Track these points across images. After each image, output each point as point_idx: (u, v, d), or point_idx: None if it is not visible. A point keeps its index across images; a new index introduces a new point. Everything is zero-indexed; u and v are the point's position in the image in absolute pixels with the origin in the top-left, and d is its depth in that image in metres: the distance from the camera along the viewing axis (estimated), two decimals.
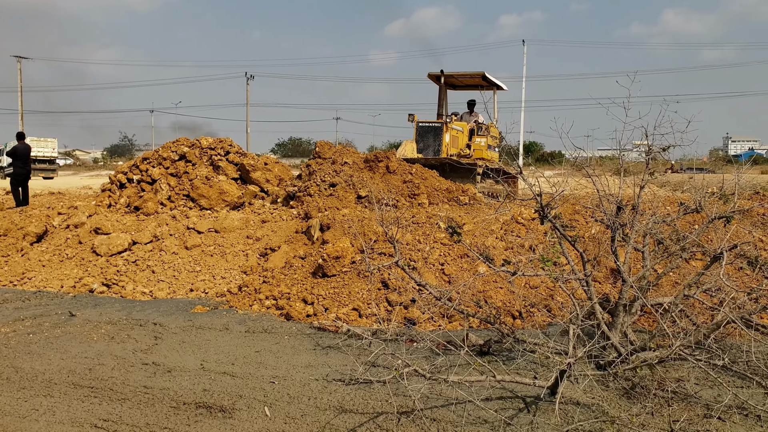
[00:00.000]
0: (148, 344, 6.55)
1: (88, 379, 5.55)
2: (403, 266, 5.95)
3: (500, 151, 14.76)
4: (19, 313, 7.79)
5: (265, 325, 7.16)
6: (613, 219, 5.59)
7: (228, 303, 8.20)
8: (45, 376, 5.62)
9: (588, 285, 5.52)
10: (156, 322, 7.35)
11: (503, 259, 6.41)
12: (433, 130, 14.97)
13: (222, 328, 7.08)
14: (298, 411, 4.79)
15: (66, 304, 8.30)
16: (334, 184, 10.97)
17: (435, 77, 15.77)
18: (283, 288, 8.09)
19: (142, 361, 6.00)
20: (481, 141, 16.09)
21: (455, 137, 15.44)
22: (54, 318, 7.55)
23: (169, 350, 6.37)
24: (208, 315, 7.65)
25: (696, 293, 5.69)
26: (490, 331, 6.45)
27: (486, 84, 16.55)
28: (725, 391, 4.69)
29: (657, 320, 5.73)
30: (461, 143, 15.72)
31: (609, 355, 5.25)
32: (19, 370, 5.80)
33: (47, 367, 5.86)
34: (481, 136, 16.12)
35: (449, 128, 15.14)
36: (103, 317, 7.54)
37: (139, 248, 10.01)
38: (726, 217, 5.88)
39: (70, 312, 7.72)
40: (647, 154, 5.88)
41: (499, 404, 4.75)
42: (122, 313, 7.77)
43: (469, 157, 14.90)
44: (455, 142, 15.47)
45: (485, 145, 16.06)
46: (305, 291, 7.89)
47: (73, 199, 14.08)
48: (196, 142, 12.77)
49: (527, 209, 9.42)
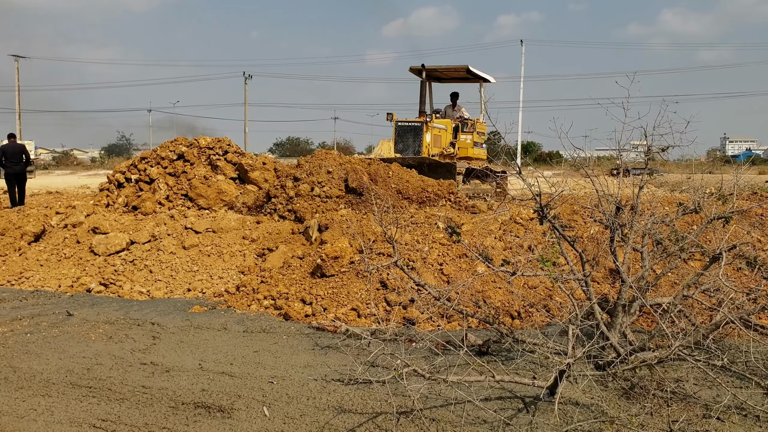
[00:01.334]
0: (146, 344, 6.54)
1: (87, 378, 5.53)
2: (402, 266, 5.95)
3: (500, 150, 13.21)
4: (17, 313, 7.78)
5: (263, 325, 7.16)
6: (612, 219, 5.59)
7: (226, 303, 8.18)
8: (43, 376, 5.60)
9: (587, 285, 5.52)
10: (154, 321, 7.34)
11: (502, 259, 6.43)
12: (413, 130, 13.96)
13: (220, 328, 7.07)
14: (297, 411, 4.78)
15: (63, 303, 8.28)
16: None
17: (416, 71, 14.78)
18: (282, 288, 8.08)
19: (141, 360, 5.99)
20: (467, 138, 15.03)
21: (437, 136, 14.38)
22: (51, 318, 7.53)
23: (168, 350, 6.36)
24: (205, 315, 7.65)
25: (695, 293, 5.70)
26: (489, 331, 6.45)
27: (471, 77, 15.57)
28: (724, 391, 4.69)
29: (656, 320, 5.74)
30: (444, 142, 14.64)
31: (608, 355, 5.25)
32: (17, 369, 5.78)
33: (45, 366, 5.85)
34: (467, 132, 15.05)
35: (430, 127, 14.06)
36: (101, 317, 7.53)
37: (137, 248, 9.99)
38: (725, 218, 5.89)
39: (67, 311, 7.71)
40: (646, 155, 5.89)
41: (498, 404, 4.75)
42: (120, 312, 7.76)
43: (453, 156, 14.19)
44: (437, 141, 14.40)
45: (471, 142, 15.07)
46: (304, 291, 7.88)
47: (71, 199, 14.04)
48: (194, 141, 12.76)
49: (526, 209, 9.43)
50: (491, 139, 19.81)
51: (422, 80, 14.79)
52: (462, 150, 14.81)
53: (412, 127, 14.06)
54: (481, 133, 15.54)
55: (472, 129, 15.11)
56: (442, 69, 15.12)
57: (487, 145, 16.59)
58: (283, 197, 10.83)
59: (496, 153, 16.25)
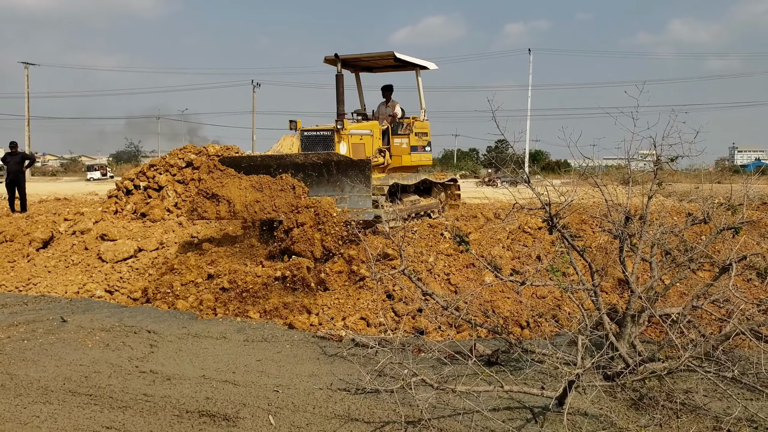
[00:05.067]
0: (144, 352, 6.52)
1: (86, 386, 5.52)
2: (409, 274, 5.94)
3: (508, 159, 7.57)
4: (14, 318, 7.80)
5: (264, 334, 7.11)
6: (622, 229, 5.56)
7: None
8: (40, 383, 5.59)
9: (596, 295, 5.49)
10: (150, 329, 7.31)
11: (511, 269, 6.40)
12: (322, 140, 10.63)
13: (219, 337, 7.03)
14: (303, 420, 4.76)
15: (59, 309, 8.31)
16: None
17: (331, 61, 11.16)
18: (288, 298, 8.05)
19: (139, 369, 5.97)
20: (402, 142, 11.86)
21: (359, 144, 10.93)
22: (47, 324, 7.54)
23: (166, 358, 6.33)
24: (203, 323, 7.60)
25: (704, 304, 5.66)
26: (497, 340, 6.43)
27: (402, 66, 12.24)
28: (735, 403, 4.65)
29: (665, 331, 5.70)
30: (370, 149, 11.15)
31: (617, 365, 5.21)
32: (14, 376, 5.78)
33: (42, 374, 5.84)
34: (402, 135, 11.88)
35: (343, 136, 10.52)
36: (95, 324, 7.52)
37: (145, 255, 10.01)
38: (734, 228, 5.86)
39: (61, 317, 7.72)
40: (655, 164, 5.87)
41: (506, 414, 4.72)
42: (113, 319, 7.74)
43: (385, 166, 11.31)
44: (359, 150, 10.91)
45: (407, 146, 11.94)
46: (309, 301, 7.84)
47: (80, 205, 14.12)
48: (202, 149, 12.83)
49: (534, 218, 9.40)
50: (498, 147, 18.40)
51: (337, 73, 10.99)
52: (396, 158, 11.73)
53: (320, 136, 10.78)
54: (422, 134, 12.41)
55: (409, 130, 11.97)
56: (366, 57, 11.81)
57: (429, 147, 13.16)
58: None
59: (504, 162, 15.50)
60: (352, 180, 9.03)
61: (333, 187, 9.19)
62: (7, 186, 15.22)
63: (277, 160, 9.52)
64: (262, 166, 9.43)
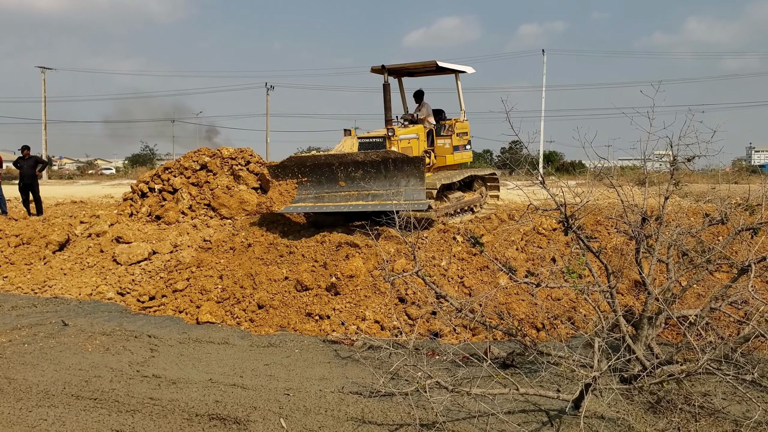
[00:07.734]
0: (145, 356, 6.51)
1: (87, 390, 5.52)
2: (423, 276, 5.90)
3: (523, 159, 8.12)
4: (18, 321, 7.84)
5: (272, 339, 7.05)
6: (638, 230, 5.50)
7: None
8: (39, 387, 5.61)
9: (612, 297, 5.43)
10: (150, 334, 7.30)
11: (526, 271, 6.35)
12: (375, 146, 11.62)
13: (221, 342, 6.99)
14: (315, 423, 4.74)
15: (66, 311, 8.35)
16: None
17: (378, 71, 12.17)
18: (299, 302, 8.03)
19: (141, 373, 5.96)
20: (445, 143, 12.86)
21: (407, 148, 11.88)
22: (49, 327, 7.57)
23: (168, 363, 6.31)
24: (203, 328, 7.56)
25: (722, 306, 5.58)
26: (513, 343, 6.38)
27: (444, 72, 13.26)
28: (754, 406, 4.58)
29: (682, 333, 5.63)
30: (417, 152, 12.03)
31: (634, 368, 5.16)
32: (12, 381, 5.80)
33: (41, 378, 5.85)
34: (444, 136, 12.88)
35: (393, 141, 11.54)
36: (96, 327, 7.52)
37: (158, 258, 10.04)
38: (753, 229, 5.78)
39: (62, 321, 7.74)
40: (671, 165, 5.80)
41: (522, 417, 4.67)
42: (113, 323, 7.74)
43: (431, 166, 12.09)
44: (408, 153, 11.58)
45: (450, 146, 12.87)
46: (321, 305, 7.81)
47: (95, 208, 14.19)
48: (217, 152, 12.84)
49: (548, 219, 9.34)
50: (512, 148, 18.54)
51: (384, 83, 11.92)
52: (440, 158, 12.68)
53: (373, 142, 11.80)
54: (462, 134, 13.29)
55: (451, 131, 12.92)
56: (410, 66, 12.83)
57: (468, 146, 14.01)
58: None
59: (518, 162, 15.38)
60: (407, 175, 9.77)
61: (389, 182, 9.87)
62: (20, 190, 15.44)
63: (339, 159, 10.14)
64: (325, 164, 10.13)
